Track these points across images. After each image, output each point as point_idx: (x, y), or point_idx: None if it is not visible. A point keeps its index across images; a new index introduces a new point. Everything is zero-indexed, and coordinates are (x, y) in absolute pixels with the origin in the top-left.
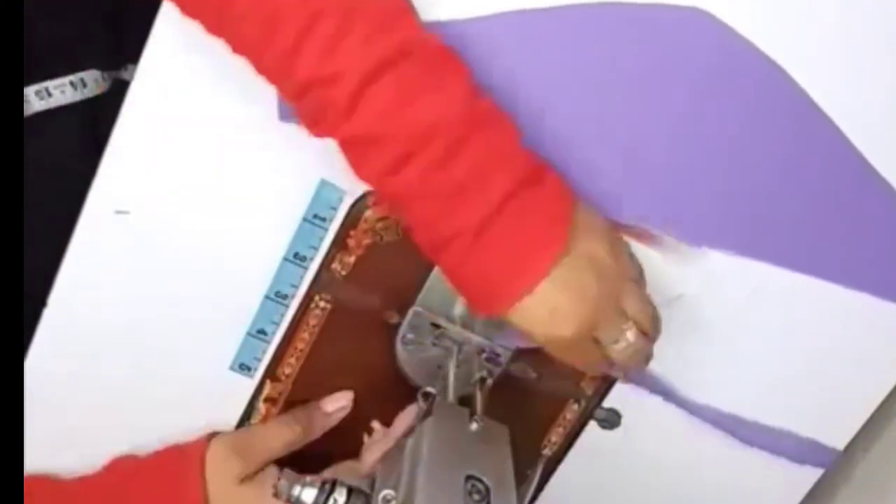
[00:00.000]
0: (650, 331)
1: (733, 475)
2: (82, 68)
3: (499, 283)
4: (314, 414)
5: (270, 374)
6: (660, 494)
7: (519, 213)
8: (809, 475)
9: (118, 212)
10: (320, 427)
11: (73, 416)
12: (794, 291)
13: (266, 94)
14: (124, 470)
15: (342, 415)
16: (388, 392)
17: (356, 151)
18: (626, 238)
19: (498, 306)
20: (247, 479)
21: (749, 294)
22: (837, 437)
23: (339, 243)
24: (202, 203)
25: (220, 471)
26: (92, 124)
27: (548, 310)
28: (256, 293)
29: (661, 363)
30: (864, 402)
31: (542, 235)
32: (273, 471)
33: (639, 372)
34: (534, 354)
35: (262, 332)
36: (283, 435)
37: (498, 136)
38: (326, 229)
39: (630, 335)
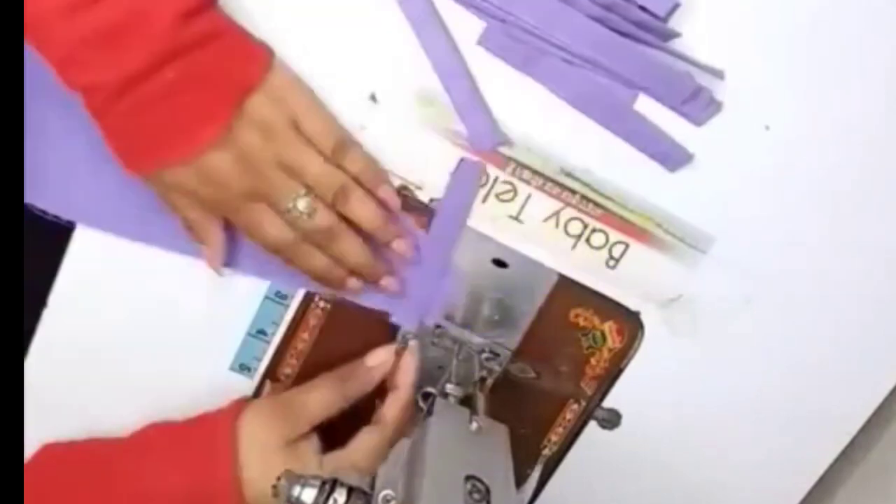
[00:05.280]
0: (335, 200)
1: (733, 475)
2: None
3: (147, 146)
4: (356, 372)
5: (270, 374)
6: (660, 494)
7: (183, 79)
8: (809, 475)
9: None
10: (360, 386)
11: (73, 416)
12: (793, 292)
13: None
14: (155, 434)
15: (384, 371)
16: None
17: None
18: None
19: (144, 169)
20: (288, 445)
21: (748, 293)
22: (838, 438)
23: None
24: None
25: (257, 439)
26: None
27: (202, 176)
28: (256, 293)
29: (661, 363)
30: (865, 402)
31: (204, 106)
32: (314, 442)
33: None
34: (534, 354)
35: (262, 332)
36: (323, 398)
37: None
38: None
39: (301, 203)
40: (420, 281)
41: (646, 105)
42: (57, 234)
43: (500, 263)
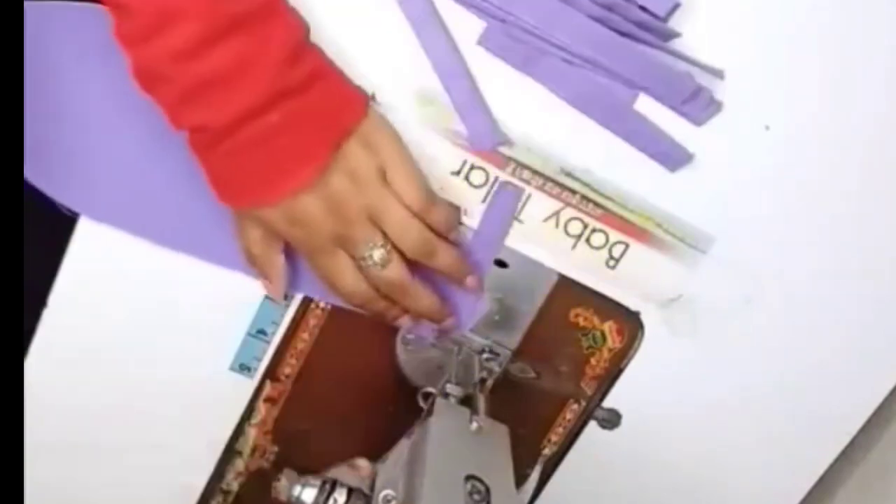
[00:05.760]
0: (413, 254)
1: (733, 475)
2: None
3: (245, 186)
4: None
5: (270, 374)
6: (660, 494)
7: (285, 122)
8: (809, 475)
9: None
10: None
11: (73, 417)
12: (793, 292)
13: None
14: None
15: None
16: (388, 392)
17: (113, 12)
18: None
19: (239, 206)
20: None
21: (748, 293)
22: (838, 438)
23: None
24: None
25: None
26: None
27: (290, 217)
28: (256, 293)
29: (661, 363)
30: (865, 402)
31: (304, 149)
32: None
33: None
34: (534, 354)
35: (262, 332)
36: None
37: (273, 34)
38: None
39: (377, 254)
40: (456, 301)
41: (646, 105)
42: (57, 234)
43: (500, 263)
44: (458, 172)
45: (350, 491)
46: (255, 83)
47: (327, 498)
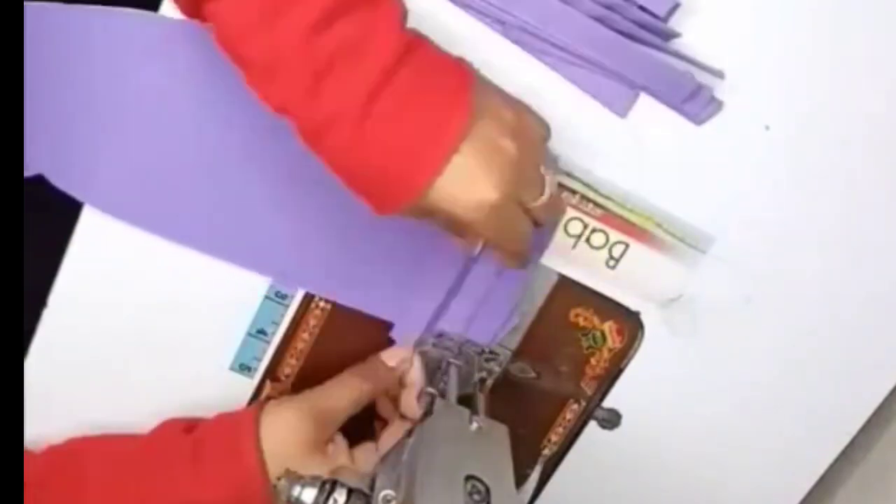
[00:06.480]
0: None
1: (733, 475)
2: None
3: (400, 170)
4: (377, 371)
5: (270, 374)
6: (660, 494)
7: (411, 82)
8: (809, 475)
9: None
10: (382, 384)
11: (73, 417)
12: (793, 292)
13: None
14: (174, 438)
15: (405, 369)
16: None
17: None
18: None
19: (406, 197)
20: (318, 448)
21: (748, 293)
22: (838, 438)
23: None
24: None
25: (285, 446)
26: None
27: (466, 180)
28: (256, 293)
29: (661, 363)
30: (865, 402)
31: (444, 103)
32: (341, 441)
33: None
34: (534, 354)
35: (262, 332)
36: (350, 399)
37: (385, 4)
38: None
39: (549, 184)
40: (486, 314)
41: (646, 105)
42: (57, 234)
43: None
44: None
45: (350, 491)
46: (383, 45)
47: (327, 498)
